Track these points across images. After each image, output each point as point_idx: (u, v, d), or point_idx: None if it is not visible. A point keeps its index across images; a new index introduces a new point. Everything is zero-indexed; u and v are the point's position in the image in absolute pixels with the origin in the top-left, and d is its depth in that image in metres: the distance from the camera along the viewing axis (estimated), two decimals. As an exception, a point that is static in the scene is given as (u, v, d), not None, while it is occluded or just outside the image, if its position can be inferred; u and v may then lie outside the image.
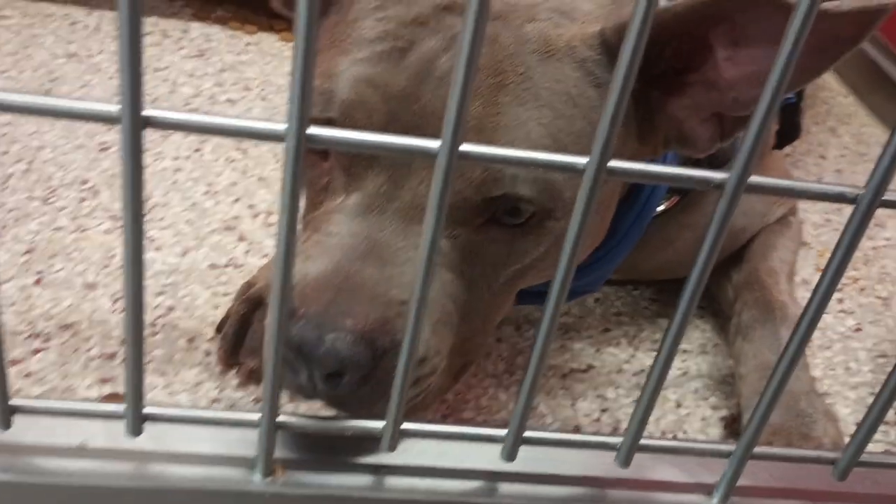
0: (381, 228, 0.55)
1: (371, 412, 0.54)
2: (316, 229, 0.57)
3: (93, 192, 0.91)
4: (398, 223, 0.55)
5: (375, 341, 0.52)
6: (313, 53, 0.31)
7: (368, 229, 0.55)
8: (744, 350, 0.80)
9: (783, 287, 0.86)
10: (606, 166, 0.36)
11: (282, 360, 0.54)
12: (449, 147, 0.35)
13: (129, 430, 0.44)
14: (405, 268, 0.54)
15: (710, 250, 0.39)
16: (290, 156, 0.35)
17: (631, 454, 0.47)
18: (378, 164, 0.55)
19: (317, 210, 0.59)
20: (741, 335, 0.81)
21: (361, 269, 0.53)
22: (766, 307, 0.82)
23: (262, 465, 0.47)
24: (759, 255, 0.89)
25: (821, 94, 1.49)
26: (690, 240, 0.82)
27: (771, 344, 0.78)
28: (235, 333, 0.71)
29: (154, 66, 1.18)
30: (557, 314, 0.41)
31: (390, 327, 0.53)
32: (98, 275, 0.80)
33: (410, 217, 0.55)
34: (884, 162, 0.37)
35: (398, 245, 0.55)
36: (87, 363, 0.71)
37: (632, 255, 0.78)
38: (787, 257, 0.91)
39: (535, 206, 0.56)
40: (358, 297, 0.52)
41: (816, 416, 0.72)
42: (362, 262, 0.54)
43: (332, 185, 0.58)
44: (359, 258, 0.54)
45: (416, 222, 0.55)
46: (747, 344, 0.80)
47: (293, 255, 0.38)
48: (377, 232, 0.55)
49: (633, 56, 0.33)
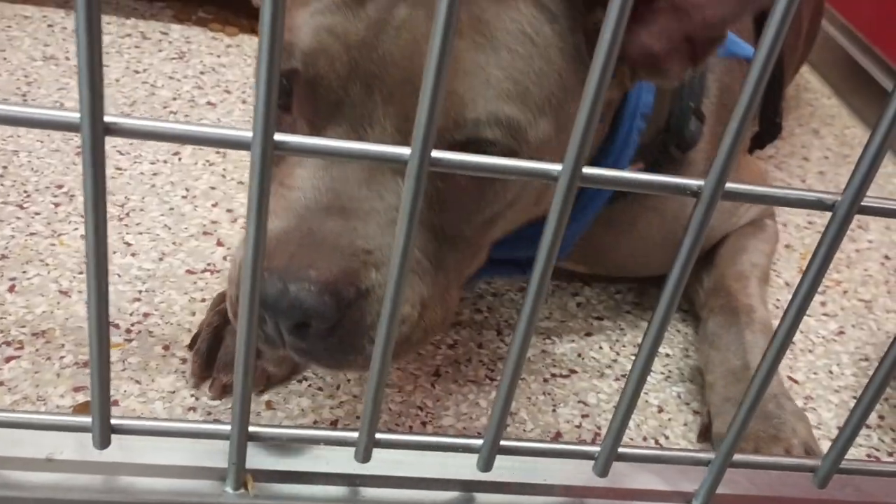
0: (344, 180, 0.55)
1: (339, 362, 0.55)
2: (280, 183, 0.57)
3: (68, 197, 0.90)
4: (361, 174, 0.55)
5: (340, 292, 0.52)
6: (277, 64, 0.31)
7: (331, 181, 0.55)
8: (711, 357, 0.79)
9: (752, 291, 0.85)
10: (580, 173, 0.36)
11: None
12: (420, 154, 0.34)
13: (96, 442, 0.43)
14: (369, 218, 0.54)
15: (688, 255, 0.38)
16: (256, 164, 0.34)
17: (609, 463, 0.46)
18: (340, 114, 0.55)
19: (281, 164, 0.58)
20: (708, 342, 0.81)
21: (324, 222, 0.54)
22: (731, 313, 0.82)
23: (234, 477, 0.46)
24: (728, 260, 0.89)
25: (804, 95, 1.49)
26: (656, 224, 0.82)
27: (736, 350, 0.78)
28: (209, 347, 0.70)
29: (133, 68, 1.17)
30: (534, 319, 0.40)
31: (355, 277, 0.53)
32: (72, 281, 0.79)
33: (373, 167, 0.55)
34: (861, 169, 0.36)
35: (361, 196, 0.55)
36: (61, 371, 0.70)
37: (597, 238, 0.78)
38: (758, 260, 0.90)
39: (499, 148, 0.55)
40: (321, 250, 0.53)
41: (785, 418, 0.71)
42: (325, 214, 0.54)
43: None
44: (322, 211, 0.54)
45: (378, 172, 0.55)
46: (714, 351, 0.79)
47: (262, 260, 0.37)
48: (340, 183, 0.55)
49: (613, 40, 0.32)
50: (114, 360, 0.72)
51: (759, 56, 0.33)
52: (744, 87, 0.34)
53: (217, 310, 0.73)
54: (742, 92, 0.34)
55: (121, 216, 0.89)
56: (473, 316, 0.85)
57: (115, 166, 0.97)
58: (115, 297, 0.78)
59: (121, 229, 0.87)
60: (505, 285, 0.90)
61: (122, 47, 1.22)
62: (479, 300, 0.87)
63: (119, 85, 1.13)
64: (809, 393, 0.84)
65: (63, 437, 0.47)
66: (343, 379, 0.74)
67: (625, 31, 0.34)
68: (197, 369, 0.70)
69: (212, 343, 0.71)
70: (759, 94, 0.34)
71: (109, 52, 1.19)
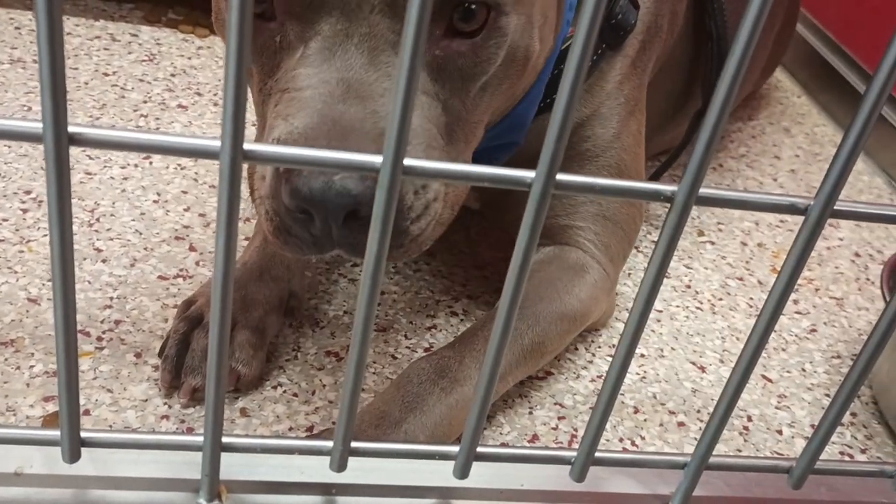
0: (349, 67, 0.55)
1: (390, 252, 0.54)
2: (283, 90, 0.56)
3: (36, 203, 0.89)
4: (364, 57, 0.56)
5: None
6: (244, 69, 0.30)
7: (338, 72, 0.55)
8: None
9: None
10: (554, 180, 0.35)
11: (290, 221, 0.56)
12: (392, 162, 0.34)
13: (65, 456, 0.42)
14: (385, 98, 0.55)
15: (661, 263, 0.38)
16: (225, 173, 0.33)
17: (585, 468, 0.46)
18: (328, 3, 0.55)
19: (275, 74, 0.58)
20: None
21: (345, 111, 0.54)
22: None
23: (207, 489, 0.45)
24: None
25: (775, 94, 1.50)
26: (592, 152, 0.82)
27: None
28: (177, 353, 0.70)
29: (102, 71, 1.16)
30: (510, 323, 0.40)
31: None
32: (41, 288, 0.78)
33: (373, 47, 0.56)
34: (832, 174, 0.36)
35: (370, 79, 0.55)
36: (30, 381, 0.69)
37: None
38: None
39: (485, 3, 0.57)
40: (351, 137, 0.53)
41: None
42: (343, 104, 0.54)
43: (285, 41, 0.58)
44: (339, 101, 0.54)
45: (380, 51, 0.56)
46: None
47: (232, 271, 0.37)
48: (347, 72, 0.55)
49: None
50: (85, 369, 0.71)
51: (735, 53, 0.33)
52: (717, 89, 0.34)
53: (185, 315, 0.72)
54: (714, 96, 0.34)
55: (91, 222, 0.88)
56: (449, 319, 0.85)
57: (84, 171, 0.95)
58: (86, 305, 0.77)
59: (91, 235, 0.86)
60: (480, 287, 0.90)
61: (90, 50, 1.20)
62: (455, 303, 0.87)
63: (88, 88, 1.11)
64: (783, 391, 0.84)
65: (31, 451, 0.46)
66: (318, 384, 0.74)
67: None
68: (167, 376, 0.70)
69: (180, 349, 0.70)
70: (733, 97, 0.34)
71: (78, 55, 1.18)
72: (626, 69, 0.82)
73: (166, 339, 0.72)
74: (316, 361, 0.76)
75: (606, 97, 0.81)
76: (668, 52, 0.93)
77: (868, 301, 1.01)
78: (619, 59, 0.81)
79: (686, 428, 0.77)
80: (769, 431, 0.79)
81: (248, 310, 0.74)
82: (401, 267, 0.91)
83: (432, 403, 0.66)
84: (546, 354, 0.75)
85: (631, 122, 0.83)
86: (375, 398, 0.68)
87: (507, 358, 0.71)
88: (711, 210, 1.12)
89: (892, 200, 1.27)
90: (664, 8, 0.86)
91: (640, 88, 0.85)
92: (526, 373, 0.75)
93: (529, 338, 0.73)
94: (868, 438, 0.81)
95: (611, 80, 0.81)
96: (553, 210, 0.82)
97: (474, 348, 0.71)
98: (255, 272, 0.76)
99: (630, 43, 0.82)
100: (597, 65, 0.80)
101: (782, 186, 1.23)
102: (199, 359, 0.69)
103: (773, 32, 1.22)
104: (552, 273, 0.79)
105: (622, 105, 0.82)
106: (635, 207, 0.86)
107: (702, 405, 0.80)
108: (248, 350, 0.72)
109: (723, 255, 1.04)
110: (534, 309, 0.74)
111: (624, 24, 0.79)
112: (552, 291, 0.77)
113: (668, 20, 0.88)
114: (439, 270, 0.91)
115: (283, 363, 0.76)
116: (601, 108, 0.81)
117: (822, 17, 1.54)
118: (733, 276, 1.01)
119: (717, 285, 0.98)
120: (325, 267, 0.88)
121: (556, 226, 0.82)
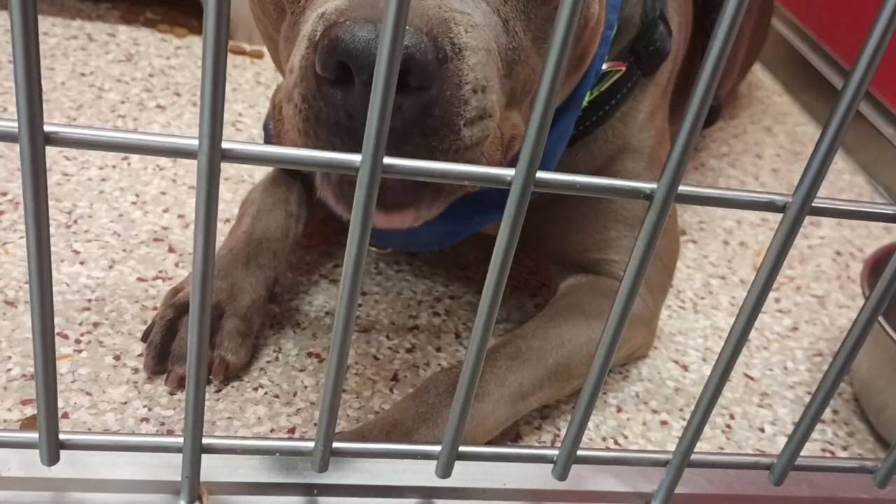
0: None
1: (432, 151, 0.49)
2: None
3: (13, 205, 0.88)
4: None
5: (437, 37, 0.46)
6: (223, 69, 0.30)
7: None
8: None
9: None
10: (534, 178, 0.35)
11: (322, 102, 0.47)
12: (371, 160, 0.34)
13: (44, 459, 0.42)
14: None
15: (641, 260, 0.38)
16: (203, 172, 0.33)
17: (567, 467, 0.46)
18: None
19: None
20: None
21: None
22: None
23: (188, 490, 0.45)
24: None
25: (756, 93, 1.51)
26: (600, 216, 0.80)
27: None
28: (162, 340, 0.70)
29: (79, 71, 1.15)
30: (491, 322, 0.40)
31: (448, 29, 0.47)
32: (19, 291, 0.77)
33: None
34: (810, 171, 0.36)
35: None
36: (8, 384, 0.68)
37: (546, 227, 0.77)
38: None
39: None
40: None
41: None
42: None
43: None
44: None
45: None
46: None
47: (211, 272, 0.37)
48: None
49: None
50: (63, 372, 0.70)
51: (712, 53, 0.33)
52: (696, 84, 0.34)
53: (171, 303, 0.72)
54: (693, 91, 0.34)
55: (68, 223, 0.87)
56: (432, 320, 0.85)
57: (62, 172, 0.94)
58: (64, 307, 0.76)
59: (69, 237, 0.85)
60: (462, 287, 0.89)
61: (67, 49, 1.19)
62: (437, 303, 0.87)
63: (65, 88, 1.10)
64: (765, 389, 0.85)
65: (9, 453, 0.46)
66: (300, 385, 0.74)
67: None
68: (150, 362, 0.69)
69: (165, 336, 0.70)
70: (711, 92, 0.34)
71: (55, 55, 1.17)
72: (657, 99, 0.80)
73: (151, 325, 0.71)
74: (297, 363, 0.76)
75: (638, 129, 0.79)
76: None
77: (849, 299, 1.01)
78: (652, 87, 0.80)
79: (669, 426, 0.78)
80: (751, 429, 0.79)
81: (236, 298, 0.74)
82: (382, 267, 0.91)
83: (446, 416, 0.64)
84: (573, 378, 0.73)
85: (660, 151, 0.82)
86: (391, 407, 0.67)
87: (530, 378, 0.70)
88: (693, 209, 1.12)
89: (872, 198, 1.28)
90: (681, 36, 0.86)
91: (666, 117, 0.84)
92: (552, 395, 0.73)
93: (553, 359, 0.71)
94: (849, 435, 0.81)
95: (643, 110, 0.79)
96: (584, 245, 0.80)
97: (495, 364, 0.69)
98: (242, 259, 0.76)
99: (661, 71, 0.80)
100: (631, 91, 0.77)
101: (764, 185, 1.24)
102: (186, 347, 0.68)
103: (750, 27, 1.22)
104: (581, 297, 0.78)
105: (653, 137, 0.81)
106: (672, 238, 0.85)
107: (684, 403, 0.80)
108: (237, 338, 0.72)
109: (705, 254, 1.05)
110: (558, 330, 0.73)
111: (661, 52, 0.77)
112: (579, 315, 0.75)
113: (682, 43, 0.88)
114: (421, 270, 0.91)
115: (264, 364, 0.75)
116: (632, 140, 0.79)
117: (803, 17, 1.55)
118: (715, 274, 1.01)
119: (699, 284, 0.99)
120: (306, 268, 0.88)
121: (589, 260, 0.81)
